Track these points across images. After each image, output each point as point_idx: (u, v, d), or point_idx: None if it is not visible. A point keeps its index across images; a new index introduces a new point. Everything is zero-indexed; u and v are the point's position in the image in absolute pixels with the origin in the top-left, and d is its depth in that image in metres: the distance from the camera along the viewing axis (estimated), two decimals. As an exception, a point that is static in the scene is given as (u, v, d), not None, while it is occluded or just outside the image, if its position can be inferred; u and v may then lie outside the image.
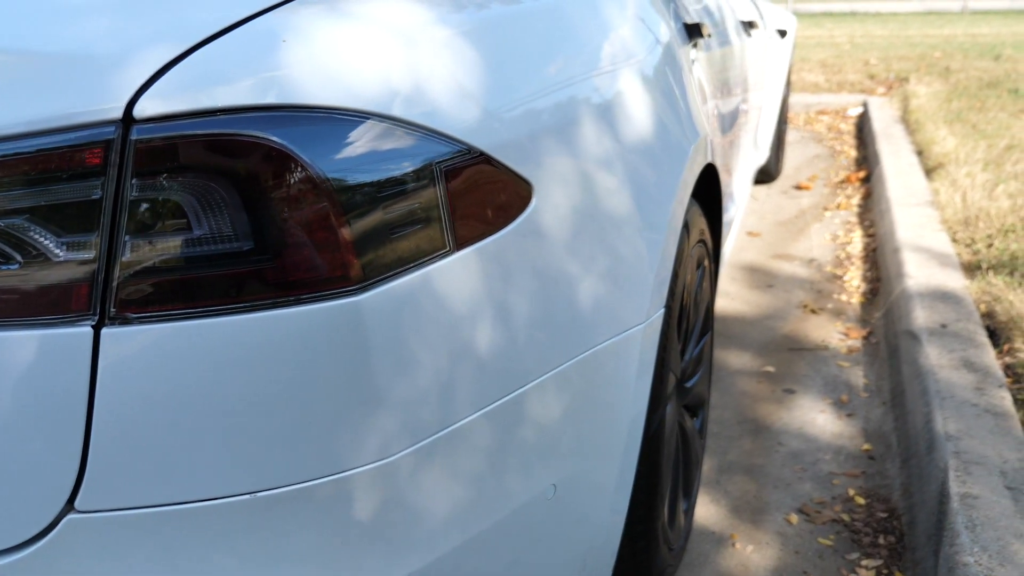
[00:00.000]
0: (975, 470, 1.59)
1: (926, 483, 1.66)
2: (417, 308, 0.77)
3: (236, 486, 0.72)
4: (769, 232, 3.64)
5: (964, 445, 1.67)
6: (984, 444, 1.68)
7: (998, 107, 5.03)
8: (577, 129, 0.98)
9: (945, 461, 1.63)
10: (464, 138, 0.81)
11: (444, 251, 0.79)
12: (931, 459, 1.70)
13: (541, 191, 0.90)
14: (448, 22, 0.88)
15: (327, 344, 0.72)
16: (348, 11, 0.82)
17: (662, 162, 1.16)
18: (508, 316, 0.87)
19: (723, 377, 2.35)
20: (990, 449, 1.66)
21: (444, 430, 0.83)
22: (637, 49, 1.21)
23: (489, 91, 0.86)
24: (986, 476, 1.57)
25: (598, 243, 1.00)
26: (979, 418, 1.77)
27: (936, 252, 2.81)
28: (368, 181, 0.73)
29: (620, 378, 1.06)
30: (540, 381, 0.93)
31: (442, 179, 0.79)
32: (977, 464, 1.61)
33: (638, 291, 1.08)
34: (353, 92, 0.74)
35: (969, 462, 1.61)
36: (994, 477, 1.57)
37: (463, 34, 0.89)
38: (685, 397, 1.60)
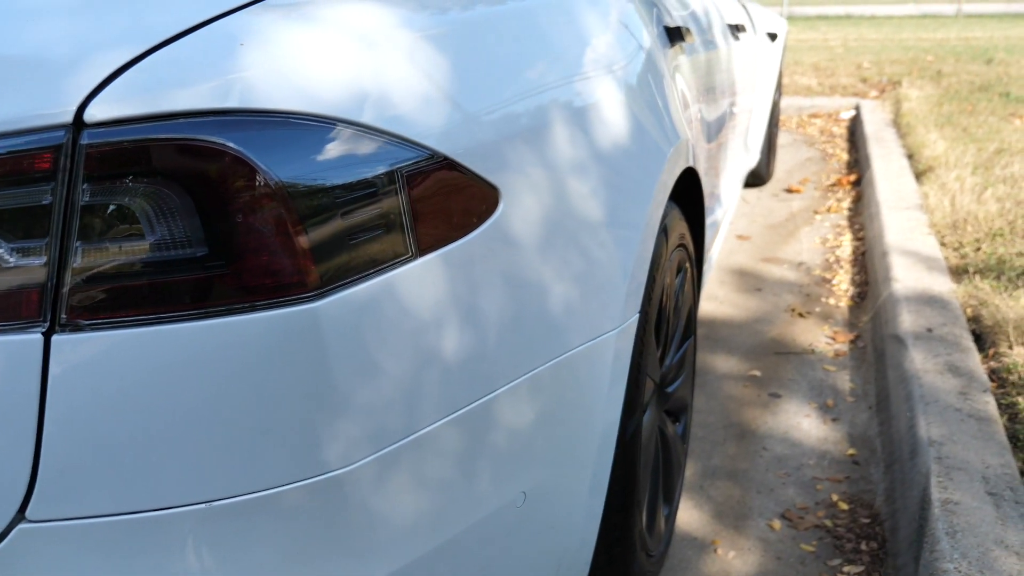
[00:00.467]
0: (957, 476, 1.58)
1: (908, 489, 1.65)
2: (378, 314, 0.76)
3: (192, 495, 0.71)
4: (759, 235, 3.63)
5: (947, 450, 1.67)
6: (967, 449, 1.67)
7: (989, 111, 5.04)
8: (547, 134, 0.97)
9: (927, 466, 1.62)
10: (427, 143, 0.80)
11: (406, 257, 0.78)
12: (914, 464, 1.69)
13: (509, 196, 0.89)
14: (415, 26, 0.88)
15: (284, 351, 0.71)
16: (311, 15, 0.81)
17: (637, 166, 1.15)
18: (476, 321, 0.86)
19: (709, 381, 2.34)
20: (973, 455, 1.65)
21: (409, 437, 0.82)
22: (613, 53, 1.20)
23: (455, 96, 0.85)
24: (968, 482, 1.56)
25: (569, 248, 0.99)
26: (963, 423, 1.77)
27: (924, 256, 2.81)
28: (326, 186, 0.72)
29: (592, 384, 1.05)
30: (510, 387, 0.92)
31: (404, 184, 0.78)
32: (959, 470, 1.60)
33: (611, 296, 1.07)
34: (312, 97, 0.73)
35: (951, 468, 1.61)
36: (976, 483, 1.56)
37: (430, 38, 0.88)
38: (666, 402, 1.59)
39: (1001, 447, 1.68)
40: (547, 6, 1.12)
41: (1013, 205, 3.15)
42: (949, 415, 1.80)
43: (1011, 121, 4.70)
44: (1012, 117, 4.79)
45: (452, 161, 0.82)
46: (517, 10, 1.05)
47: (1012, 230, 2.92)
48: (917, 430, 1.77)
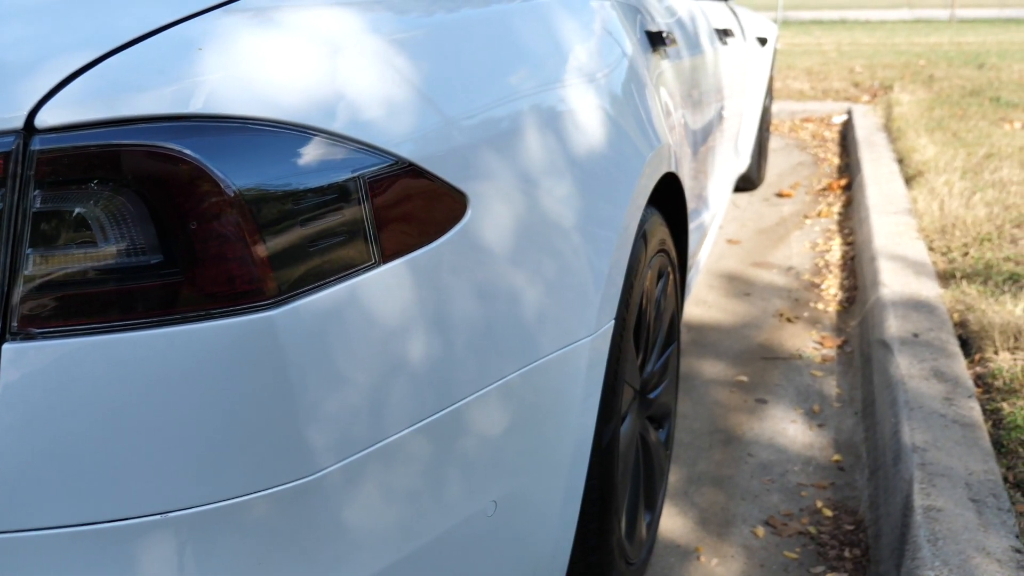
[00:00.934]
0: (940, 482, 1.57)
1: (892, 495, 1.65)
2: (340, 322, 0.75)
3: (149, 505, 0.70)
4: (749, 240, 3.63)
5: (930, 456, 1.66)
6: (951, 456, 1.66)
7: (979, 115, 5.05)
8: (519, 140, 0.96)
9: (910, 473, 1.61)
10: (392, 149, 0.79)
11: (369, 264, 0.77)
12: (897, 471, 1.68)
13: (477, 202, 0.88)
14: (384, 31, 0.87)
15: (241, 359, 0.70)
16: (276, 19, 0.80)
17: (613, 172, 1.15)
18: (444, 328, 0.85)
19: (696, 387, 2.33)
20: (956, 461, 1.64)
21: (375, 445, 0.81)
22: (590, 58, 1.19)
23: (422, 102, 0.84)
24: (951, 488, 1.55)
25: (541, 254, 0.98)
26: (947, 429, 1.76)
27: (912, 261, 2.80)
28: (286, 193, 0.71)
29: (566, 391, 1.04)
30: (479, 395, 0.91)
31: (366, 191, 0.77)
32: (942, 476, 1.59)
33: (585, 302, 1.06)
34: (272, 103, 0.72)
35: (934, 474, 1.60)
36: (959, 489, 1.55)
37: (400, 43, 0.87)
38: (648, 408, 1.58)
39: (985, 453, 1.67)
40: (522, 12, 1.11)
41: (1001, 210, 3.15)
42: (933, 421, 1.80)
43: (1001, 126, 4.70)
44: (1002, 121, 4.80)
45: (417, 167, 0.81)
46: (490, 15, 1.04)
47: (1000, 235, 2.92)
48: (901, 436, 1.76)
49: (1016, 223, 3.02)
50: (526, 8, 1.12)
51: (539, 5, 1.16)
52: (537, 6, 1.15)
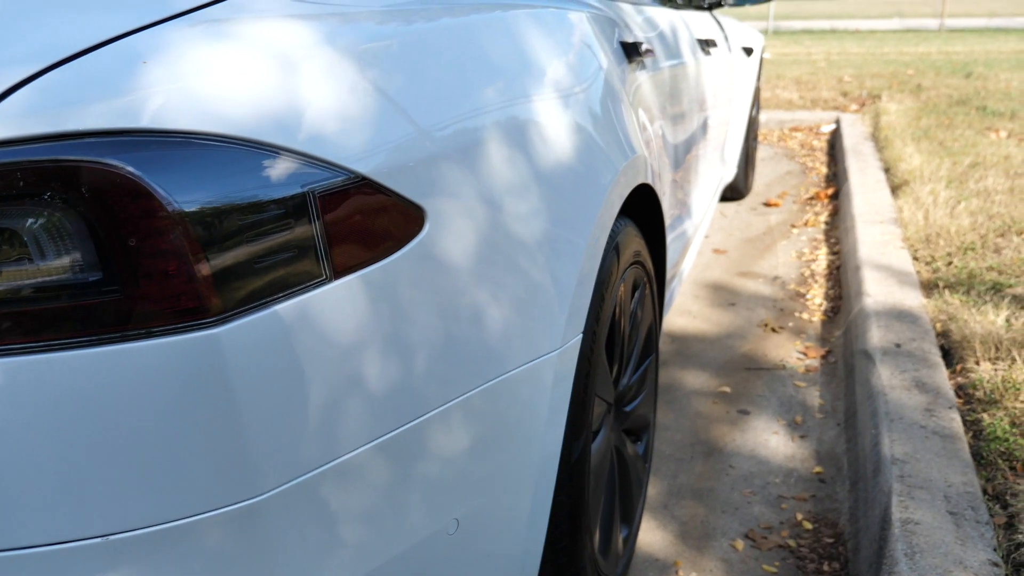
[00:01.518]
0: (919, 495, 1.56)
1: (871, 508, 1.63)
2: (290, 339, 0.74)
3: (87, 529, 0.68)
4: (736, 249, 3.63)
5: (910, 468, 1.65)
6: (930, 467, 1.65)
7: (966, 124, 5.06)
8: (480, 153, 0.95)
9: (889, 485, 1.60)
10: (345, 164, 0.78)
11: (320, 280, 0.76)
12: (876, 483, 1.67)
13: (436, 216, 0.87)
14: (338, 45, 0.85)
15: (184, 378, 0.68)
16: (229, 32, 0.79)
17: (580, 185, 1.13)
18: (401, 344, 0.84)
19: (678, 398, 2.32)
20: (936, 472, 1.63)
21: (329, 464, 0.79)
22: (558, 70, 1.18)
23: (378, 116, 0.83)
24: (929, 501, 1.54)
25: (503, 268, 0.97)
26: (927, 440, 1.75)
27: (896, 270, 2.80)
28: (231, 208, 0.70)
29: (531, 407, 1.02)
30: (440, 411, 0.89)
31: (318, 206, 0.75)
32: (921, 488, 1.58)
33: (550, 317, 1.05)
34: (219, 117, 0.71)
35: (913, 486, 1.59)
36: (938, 502, 1.54)
37: (357, 57, 0.86)
38: (624, 421, 1.57)
39: (964, 465, 1.66)
40: (488, 24, 1.10)
41: (985, 219, 3.15)
42: (914, 432, 1.78)
43: (987, 135, 4.71)
44: (988, 131, 4.81)
45: (372, 182, 0.80)
46: (455, 27, 1.03)
47: (983, 244, 2.92)
48: (881, 448, 1.75)
49: (1000, 232, 3.02)
50: (493, 20, 1.12)
51: (507, 17, 1.15)
52: (505, 18, 1.14)
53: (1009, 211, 3.23)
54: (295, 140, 0.75)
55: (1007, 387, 1.92)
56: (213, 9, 0.83)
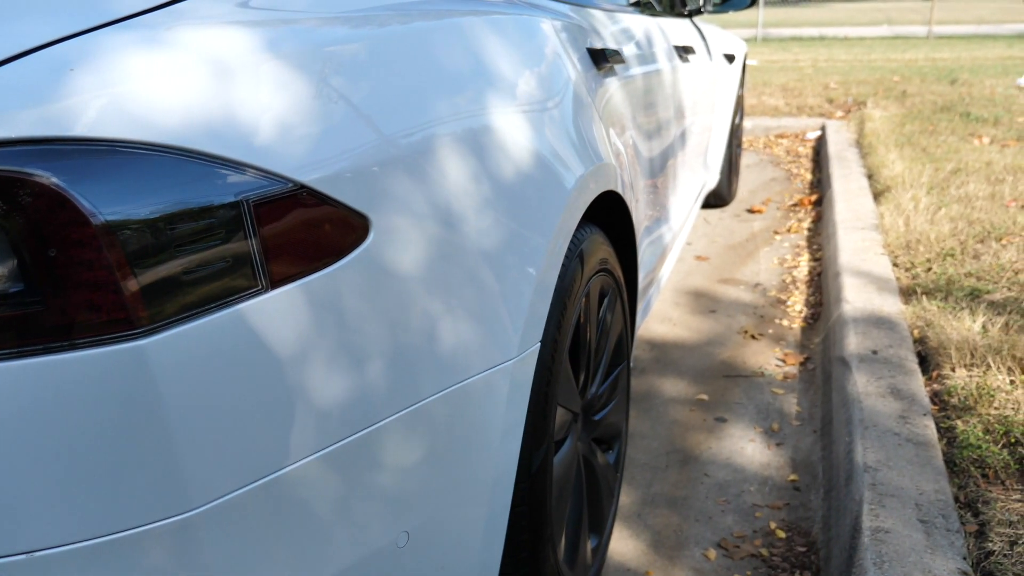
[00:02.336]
0: (890, 503, 1.55)
1: (843, 516, 1.62)
2: (223, 350, 0.72)
3: (11, 545, 0.67)
4: (718, 256, 3.62)
5: (882, 476, 1.64)
6: (902, 475, 1.64)
7: (949, 130, 5.08)
8: (430, 161, 0.94)
9: (861, 493, 1.59)
10: (281, 172, 0.76)
11: (255, 290, 0.74)
12: (849, 491, 1.66)
13: (382, 225, 0.86)
14: (282, 51, 0.84)
15: (110, 390, 0.67)
16: (163, 39, 0.77)
17: (537, 193, 1.12)
18: (346, 354, 0.83)
19: (656, 405, 2.31)
20: (908, 480, 1.62)
21: (270, 475, 0.78)
22: (516, 77, 1.17)
23: (319, 123, 0.82)
24: (900, 509, 1.53)
25: (454, 278, 0.95)
26: (900, 448, 1.74)
27: (876, 276, 2.80)
28: (160, 218, 0.69)
29: (484, 418, 1.01)
30: (386, 423, 0.88)
31: (253, 215, 0.74)
32: (892, 496, 1.57)
33: (506, 326, 1.03)
34: (147, 125, 0.70)
35: (884, 494, 1.58)
36: (908, 510, 1.53)
37: (297, 63, 0.84)
38: (594, 430, 1.55)
39: (937, 472, 1.65)
40: (442, 30, 1.09)
41: (965, 225, 3.15)
42: (887, 440, 1.78)
43: (970, 141, 4.73)
44: (971, 137, 4.83)
45: (311, 190, 0.78)
46: (405, 33, 1.02)
47: (963, 250, 2.92)
48: (854, 455, 1.74)
49: (979, 238, 3.02)
50: (448, 26, 1.10)
51: (463, 24, 1.14)
52: (460, 24, 1.13)
53: (989, 217, 3.23)
54: (230, 148, 0.74)
55: (981, 394, 1.92)
56: (152, 15, 0.82)
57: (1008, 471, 1.63)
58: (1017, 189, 3.58)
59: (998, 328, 2.23)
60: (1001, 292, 2.54)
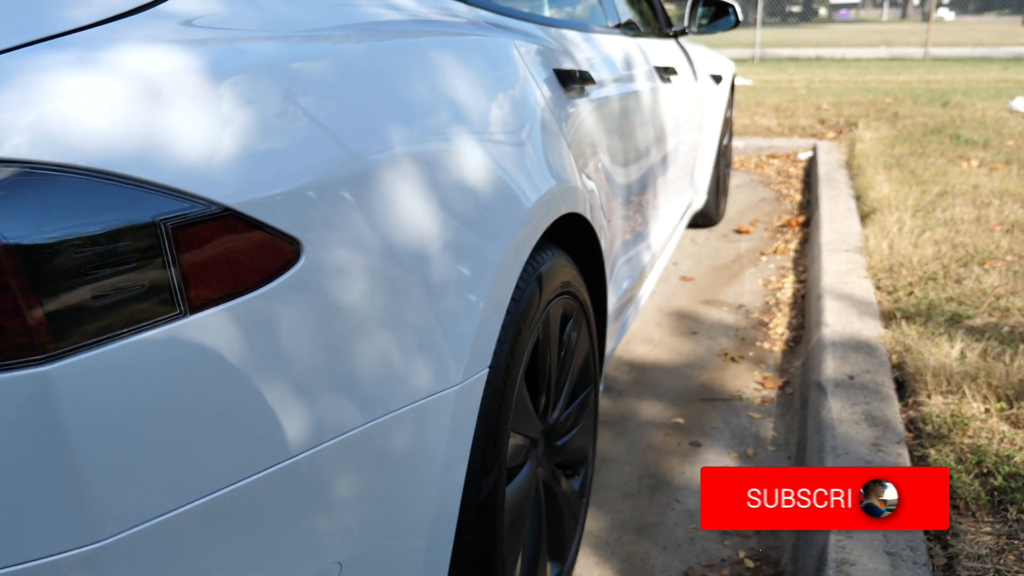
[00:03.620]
0: (857, 534, 1.52)
1: (810, 547, 1.59)
2: (136, 377, 0.70)
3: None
4: (703, 277, 3.60)
5: (851, 505, 1.61)
6: (871, 504, 1.61)
7: (938, 153, 5.07)
8: (371, 183, 0.92)
9: (829, 523, 1.56)
10: (204, 194, 0.74)
11: (173, 314, 0.72)
12: (817, 520, 1.63)
13: (314, 248, 0.83)
14: (219, 71, 0.82)
15: (13, 417, 0.64)
16: (93, 58, 0.76)
17: (488, 216, 1.10)
18: (271, 381, 0.80)
19: (631, 429, 2.28)
20: (877, 510, 1.59)
21: (182, 507, 0.75)
22: (469, 98, 1.15)
23: (251, 144, 0.80)
24: (868, 540, 1.50)
25: (394, 303, 0.93)
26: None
27: (858, 300, 2.78)
28: (70, 240, 0.66)
29: (424, 446, 0.99)
30: (315, 452, 0.85)
31: (171, 238, 0.72)
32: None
33: (449, 352, 1.01)
34: (64, 146, 0.68)
35: (852, 524, 1.55)
36: (876, 541, 1.50)
37: (234, 84, 0.83)
38: (556, 455, 1.53)
39: (907, 502, 1.62)
40: (394, 49, 1.07)
41: (949, 248, 3.14)
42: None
43: (958, 163, 4.73)
44: (960, 159, 4.82)
45: (236, 213, 0.76)
46: (354, 54, 1.00)
47: (946, 274, 2.90)
48: (824, 483, 1.71)
49: (962, 262, 3.00)
50: (400, 47, 1.09)
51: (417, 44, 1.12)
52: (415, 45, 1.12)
53: (973, 241, 3.22)
54: (151, 171, 0.72)
55: (956, 422, 1.89)
56: (90, 32, 0.80)
57: (979, 503, 1.61)
58: (1003, 213, 3.57)
59: (976, 354, 2.21)
60: (981, 317, 2.52)
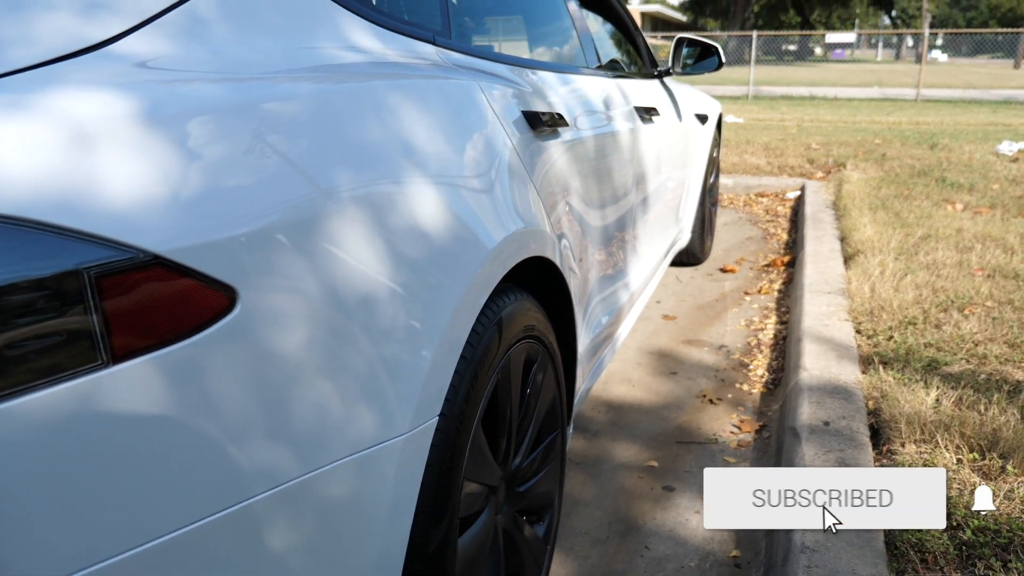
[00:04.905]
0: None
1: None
2: (56, 427, 0.68)
3: None
4: (686, 316, 3.59)
5: (819, 558, 1.58)
6: (839, 558, 1.59)
7: (924, 195, 5.10)
8: (315, 228, 0.90)
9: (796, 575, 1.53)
10: (132, 242, 0.73)
11: (95, 365, 0.70)
12: (784, 572, 1.60)
13: (251, 295, 0.82)
14: (156, 115, 0.81)
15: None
16: (26, 103, 0.75)
17: (442, 261, 1.09)
18: (202, 431, 0.78)
19: (604, 471, 2.25)
20: (845, 563, 1.57)
21: (109, 560, 0.73)
22: (425, 141, 1.15)
23: (185, 191, 0.79)
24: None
25: (336, 352, 0.91)
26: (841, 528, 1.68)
27: (837, 343, 2.76)
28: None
29: (367, 496, 0.96)
30: (248, 504, 0.83)
31: (94, 286, 0.70)
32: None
33: (394, 401, 0.99)
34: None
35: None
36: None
37: (172, 127, 0.81)
38: (519, 502, 1.50)
39: (876, 555, 1.60)
40: (348, 93, 1.07)
41: (930, 293, 3.13)
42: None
43: (943, 206, 4.75)
44: (945, 202, 4.85)
45: (164, 260, 0.75)
46: (299, 96, 0.99)
47: (925, 319, 2.89)
48: (793, 534, 1.68)
49: (942, 307, 3.00)
50: (353, 91, 1.08)
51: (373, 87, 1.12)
52: (371, 88, 1.11)
53: (954, 286, 3.22)
54: (75, 218, 0.70)
55: (928, 471, 1.86)
56: (27, 75, 0.79)
57: (947, 557, 1.58)
58: (984, 258, 3.58)
59: (951, 402, 2.19)
60: (959, 364, 2.51)
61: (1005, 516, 1.70)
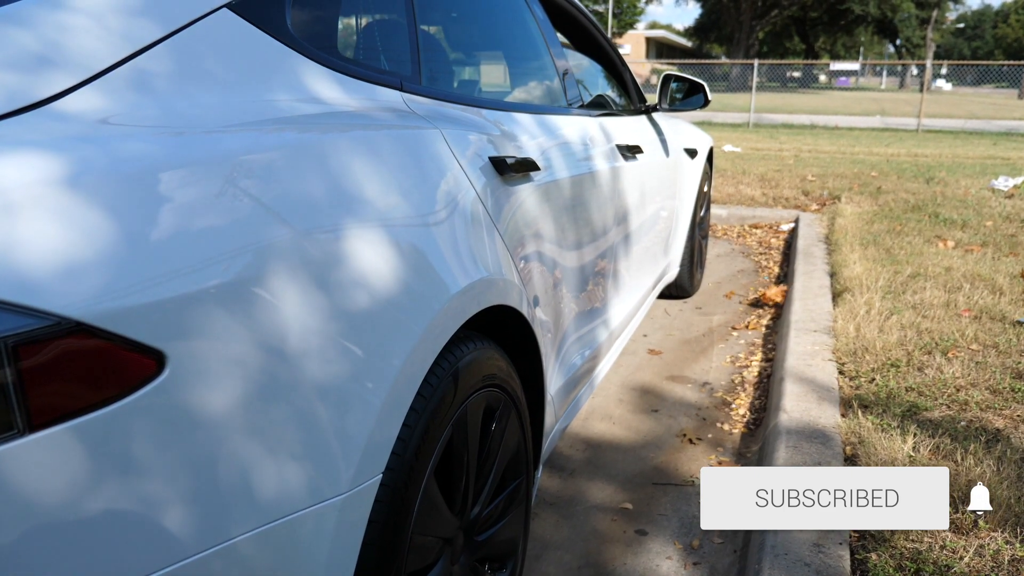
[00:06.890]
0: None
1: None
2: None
3: None
4: (671, 351, 3.58)
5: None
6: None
7: (916, 231, 5.09)
8: (248, 285, 0.89)
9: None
10: (49, 308, 0.72)
11: (10, 433, 0.70)
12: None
13: (180, 358, 0.81)
14: (78, 176, 0.78)
15: None
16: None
17: (390, 315, 1.08)
18: (121, 499, 0.77)
19: (577, 513, 2.23)
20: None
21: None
22: (376, 191, 1.14)
23: (109, 255, 0.77)
24: (795, 652, 1.45)
25: (271, 413, 0.90)
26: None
27: (819, 384, 2.75)
28: None
29: (302, 558, 0.95)
30: (175, 569, 0.82)
31: (10, 354, 0.70)
32: (789, 637, 1.49)
33: (333, 460, 0.98)
34: None
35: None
36: (803, 653, 1.45)
37: (90, 188, 0.79)
38: (479, 551, 1.48)
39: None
40: (297, 147, 1.06)
41: (915, 334, 3.12)
42: (797, 571, 1.70)
43: (935, 243, 4.74)
44: (936, 239, 4.84)
45: (87, 327, 0.74)
46: (238, 150, 0.98)
47: (908, 361, 2.88)
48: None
49: (926, 349, 2.98)
50: (297, 142, 1.08)
51: (320, 140, 1.11)
52: (316, 140, 1.11)
53: (939, 327, 3.20)
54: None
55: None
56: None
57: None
58: (972, 298, 3.57)
59: (928, 450, 2.17)
60: (939, 410, 2.49)
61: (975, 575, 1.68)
